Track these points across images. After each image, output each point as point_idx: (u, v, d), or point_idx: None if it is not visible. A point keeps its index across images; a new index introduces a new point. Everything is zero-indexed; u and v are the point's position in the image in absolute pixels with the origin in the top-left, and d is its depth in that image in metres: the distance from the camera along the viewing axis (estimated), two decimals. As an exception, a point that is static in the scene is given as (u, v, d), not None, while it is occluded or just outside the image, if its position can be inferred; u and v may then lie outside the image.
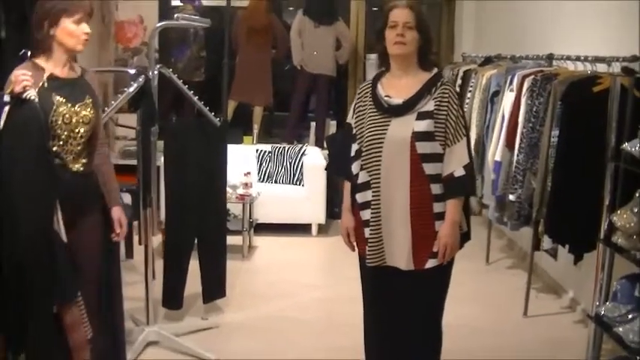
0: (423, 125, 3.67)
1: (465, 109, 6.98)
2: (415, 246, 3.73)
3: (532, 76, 5.43)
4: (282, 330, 5.52)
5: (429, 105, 3.69)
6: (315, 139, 9.65)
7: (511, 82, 5.76)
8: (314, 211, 8.27)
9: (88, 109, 3.81)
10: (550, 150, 4.94)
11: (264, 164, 8.56)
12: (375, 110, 3.75)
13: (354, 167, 3.83)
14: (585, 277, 5.47)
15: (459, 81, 7.45)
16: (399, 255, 3.75)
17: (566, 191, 4.81)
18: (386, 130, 3.71)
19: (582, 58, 5.19)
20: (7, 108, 3.49)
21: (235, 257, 6.57)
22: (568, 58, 5.44)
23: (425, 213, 3.72)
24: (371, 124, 3.74)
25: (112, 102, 4.96)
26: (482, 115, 6.47)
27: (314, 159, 8.49)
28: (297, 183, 8.39)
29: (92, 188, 3.95)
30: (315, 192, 8.23)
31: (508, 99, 5.72)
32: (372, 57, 10.69)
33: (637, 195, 4.12)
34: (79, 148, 3.80)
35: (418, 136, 3.67)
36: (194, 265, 5.49)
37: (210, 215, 5.52)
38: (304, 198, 8.26)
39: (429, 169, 3.70)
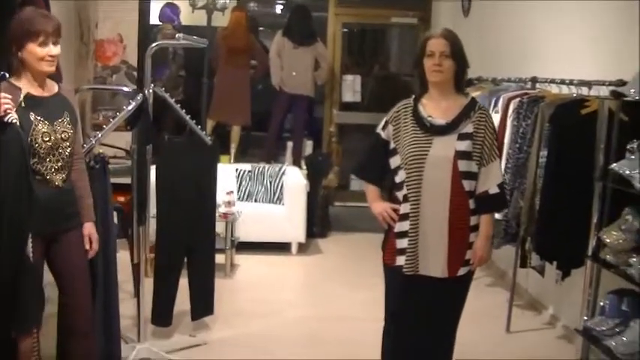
0: (464, 145, 3.96)
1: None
2: (450, 256, 4.00)
3: (518, 99, 5.56)
4: (268, 347, 5.56)
5: (468, 127, 3.98)
6: (292, 158, 9.73)
7: (495, 104, 5.88)
8: (294, 230, 8.31)
9: (67, 126, 3.86)
10: (538, 170, 5.07)
11: (243, 183, 8.60)
12: (417, 128, 4.00)
13: (398, 178, 4.05)
14: (565, 294, 5.60)
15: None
16: (434, 264, 4.00)
17: (554, 209, 4.95)
18: (428, 147, 3.96)
19: (567, 81, 5.34)
20: None
21: (218, 275, 6.61)
22: (552, 81, 5.59)
23: (462, 226, 4.00)
24: (413, 141, 3.99)
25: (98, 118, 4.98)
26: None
27: (294, 178, 8.56)
28: (278, 202, 8.45)
29: (73, 202, 4.00)
30: (295, 211, 8.28)
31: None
32: (349, 78, 10.86)
33: (624, 213, 4.27)
34: (59, 164, 3.85)
35: (459, 155, 3.94)
36: (182, 282, 5.54)
37: (200, 233, 5.58)
38: (284, 217, 8.31)
39: (467, 185, 3.97)
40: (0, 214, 3.50)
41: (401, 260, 4.03)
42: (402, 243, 4.03)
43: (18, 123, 3.56)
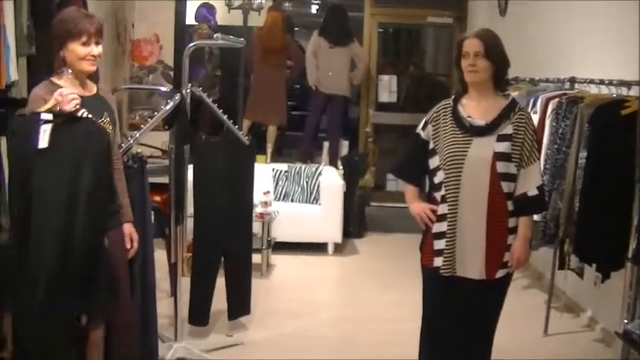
0: (503, 147, 3.93)
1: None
2: (488, 257, 3.97)
3: (557, 99, 5.51)
4: (304, 348, 5.56)
5: (507, 128, 3.96)
6: (328, 159, 9.73)
7: (534, 105, 5.83)
8: (330, 231, 8.32)
9: (107, 126, 3.89)
10: (577, 171, 5.02)
11: (280, 183, 8.61)
12: (456, 129, 3.98)
13: (436, 179, 4.03)
14: (604, 296, 5.54)
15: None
16: (471, 266, 3.98)
17: (594, 211, 4.90)
18: (467, 148, 3.94)
19: (607, 82, 5.29)
20: (47, 126, 3.58)
21: (254, 275, 6.64)
22: (591, 81, 5.54)
23: (500, 227, 3.96)
24: (452, 141, 3.97)
25: (134, 118, 5.01)
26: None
27: (330, 179, 8.57)
28: (314, 202, 8.45)
29: (112, 201, 4.01)
30: (331, 211, 8.28)
31: (532, 121, 5.78)
32: (385, 78, 10.83)
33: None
34: None
35: (498, 156, 3.92)
36: (219, 282, 5.56)
37: (237, 233, 5.59)
38: (321, 217, 8.32)
39: (505, 187, 3.94)
40: (89, 202, 3.62)
41: (438, 261, 4.01)
42: (440, 244, 4.01)
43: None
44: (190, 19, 10.16)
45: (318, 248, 8.33)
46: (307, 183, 8.54)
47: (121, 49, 9.21)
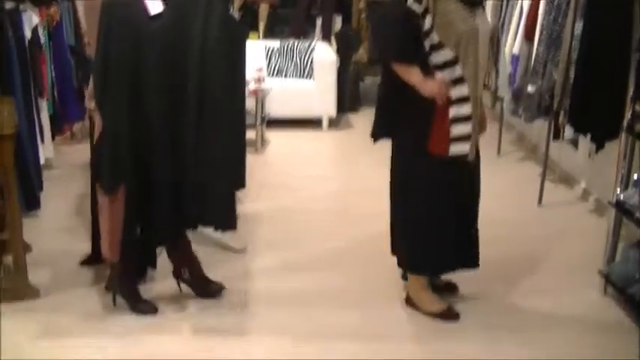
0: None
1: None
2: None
3: (553, -32, 5.39)
4: (301, 220, 5.61)
5: None
6: (321, 34, 9.60)
7: (530, -25, 5.71)
8: (324, 105, 8.31)
9: None
10: (573, 42, 4.95)
11: (273, 60, 8.53)
12: (461, 3, 3.71)
13: (439, 58, 3.76)
14: (597, 168, 5.55)
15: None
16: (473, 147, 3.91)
17: (590, 81, 4.85)
18: (475, 22, 3.74)
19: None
20: None
21: (249, 151, 6.62)
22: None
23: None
24: (463, 16, 3.72)
25: None
26: (497, 9, 6.43)
27: (323, 54, 8.50)
28: (307, 77, 8.39)
29: None
30: (325, 86, 8.25)
31: (527, -8, 5.69)
32: (378, -50, 10.55)
33: (662, 84, 4.18)
34: None
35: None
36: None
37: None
38: (314, 92, 8.29)
39: None
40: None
41: (459, 148, 3.83)
42: (464, 128, 3.81)
43: None
44: None
45: (312, 123, 8.35)
46: (300, 59, 8.46)
47: None
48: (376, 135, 4.10)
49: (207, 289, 4.28)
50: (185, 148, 3.78)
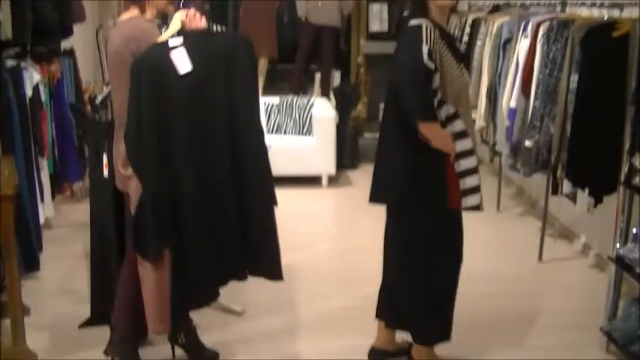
0: None
1: (475, 58, 7.02)
2: None
3: (547, 22, 5.42)
4: (301, 279, 5.57)
5: None
6: (320, 90, 9.66)
7: (525, 29, 5.74)
8: (324, 163, 8.31)
9: None
10: (569, 95, 4.98)
11: (272, 116, 8.56)
12: (454, 57, 3.74)
13: (443, 112, 3.74)
14: (597, 222, 5.55)
15: (468, 29, 7.43)
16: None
17: (586, 135, 4.87)
18: (466, 78, 3.80)
19: (598, 3, 5.22)
20: (179, 51, 3.61)
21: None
22: (582, 3, 5.47)
23: None
24: (459, 74, 3.75)
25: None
26: (493, 63, 6.47)
27: (323, 110, 8.53)
28: (307, 134, 8.42)
29: None
30: (324, 143, 8.27)
31: (523, 46, 5.70)
32: (375, 7, 10.70)
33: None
34: None
35: None
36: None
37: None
38: (314, 149, 8.30)
39: None
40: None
41: (472, 200, 3.85)
42: (472, 180, 3.82)
43: None
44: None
45: (312, 181, 8.33)
46: (300, 115, 8.50)
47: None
48: (377, 199, 4.09)
49: (201, 356, 4.24)
50: (225, 200, 3.82)
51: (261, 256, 4.02)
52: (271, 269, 4.06)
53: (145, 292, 3.84)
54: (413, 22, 3.74)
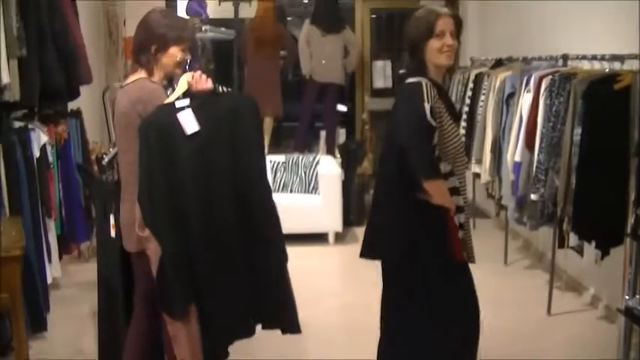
0: None
1: (479, 112, 7.07)
2: None
3: (550, 77, 5.48)
4: (308, 338, 5.54)
5: None
6: (326, 148, 9.72)
7: (527, 83, 5.80)
8: (330, 220, 8.32)
9: None
10: (573, 148, 5.00)
11: (278, 174, 8.60)
12: (450, 117, 3.72)
13: (451, 182, 3.75)
14: (606, 273, 5.53)
15: (471, 84, 7.50)
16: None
17: (591, 187, 4.88)
18: (460, 137, 3.82)
19: (599, 57, 5.27)
20: (186, 112, 3.66)
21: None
22: (584, 57, 5.52)
23: None
24: (454, 132, 3.74)
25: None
26: (497, 117, 6.52)
27: (328, 168, 8.57)
28: (313, 192, 8.44)
29: None
30: (330, 200, 8.28)
31: (526, 100, 5.76)
32: (379, 64, 10.81)
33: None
34: None
35: None
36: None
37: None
38: (320, 207, 8.32)
39: None
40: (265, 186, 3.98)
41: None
42: (461, 234, 3.80)
43: None
44: (182, 14, 10.11)
45: (318, 238, 8.32)
46: (305, 173, 8.53)
47: (114, 48, 9.18)
48: (369, 255, 4.11)
49: None
50: (235, 258, 3.89)
51: (280, 309, 4.12)
52: (291, 322, 4.14)
53: (178, 349, 3.83)
54: (411, 79, 3.73)
